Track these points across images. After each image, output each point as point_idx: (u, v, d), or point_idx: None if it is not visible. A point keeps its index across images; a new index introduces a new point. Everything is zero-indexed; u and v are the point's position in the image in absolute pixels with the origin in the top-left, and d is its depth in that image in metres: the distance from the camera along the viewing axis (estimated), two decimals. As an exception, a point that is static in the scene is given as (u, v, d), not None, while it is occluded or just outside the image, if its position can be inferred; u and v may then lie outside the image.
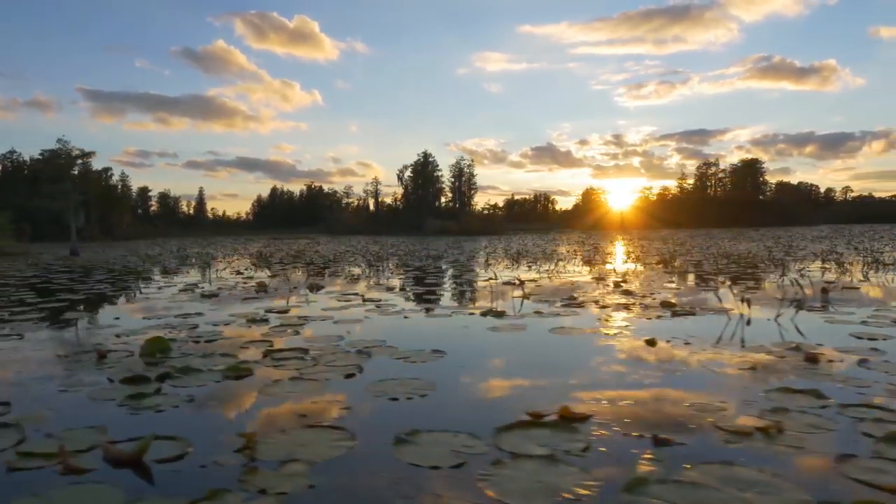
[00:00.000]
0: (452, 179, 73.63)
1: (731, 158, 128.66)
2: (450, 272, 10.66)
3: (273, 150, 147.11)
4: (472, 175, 73.52)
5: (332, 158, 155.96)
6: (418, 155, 72.89)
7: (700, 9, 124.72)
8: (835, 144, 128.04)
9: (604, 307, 5.67)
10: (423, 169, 71.48)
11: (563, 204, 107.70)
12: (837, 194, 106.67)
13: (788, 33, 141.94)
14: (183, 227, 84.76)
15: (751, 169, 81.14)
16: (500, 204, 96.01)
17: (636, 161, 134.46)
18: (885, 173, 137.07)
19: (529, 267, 11.33)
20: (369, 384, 3.01)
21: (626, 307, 5.63)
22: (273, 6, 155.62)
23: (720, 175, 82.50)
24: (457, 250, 19.86)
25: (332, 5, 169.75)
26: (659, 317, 5.07)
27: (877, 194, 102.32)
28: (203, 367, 3.42)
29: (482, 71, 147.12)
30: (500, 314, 5.30)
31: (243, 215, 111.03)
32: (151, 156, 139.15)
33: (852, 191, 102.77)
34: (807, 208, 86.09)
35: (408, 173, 73.02)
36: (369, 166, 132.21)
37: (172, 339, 4.28)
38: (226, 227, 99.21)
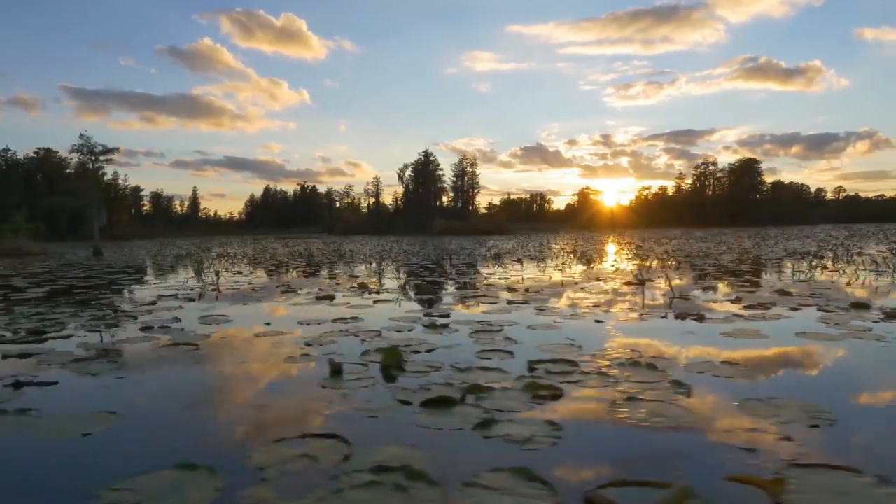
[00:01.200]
0: (454, 178, 73.14)
1: (719, 158, 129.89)
2: (537, 272, 10.13)
3: (261, 149, 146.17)
4: (474, 174, 73.08)
5: (320, 158, 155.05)
6: (419, 154, 72.50)
7: (687, 9, 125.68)
8: (820, 145, 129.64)
9: (794, 308, 5.19)
10: (425, 168, 70.85)
11: (555, 203, 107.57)
12: (829, 194, 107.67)
13: (774, 34, 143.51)
14: (177, 227, 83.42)
15: (748, 169, 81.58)
16: (497, 203, 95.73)
17: (624, 161, 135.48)
18: (869, 173, 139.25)
19: (616, 268, 10.85)
20: (755, 410, 2.48)
21: (822, 308, 5.15)
22: (260, 4, 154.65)
23: (718, 174, 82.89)
24: (498, 249, 19.35)
25: (319, 4, 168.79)
26: (882, 318, 4.60)
27: (862, 194, 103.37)
28: (489, 384, 2.88)
29: (471, 70, 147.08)
30: (699, 318, 4.80)
31: (234, 215, 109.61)
32: (137, 155, 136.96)
33: (845, 190, 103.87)
34: (802, 208, 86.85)
35: (408, 172, 72.39)
36: (358, 166, 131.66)
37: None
38: (219, 226, 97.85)
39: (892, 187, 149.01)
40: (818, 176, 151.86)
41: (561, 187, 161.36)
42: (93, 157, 18.45)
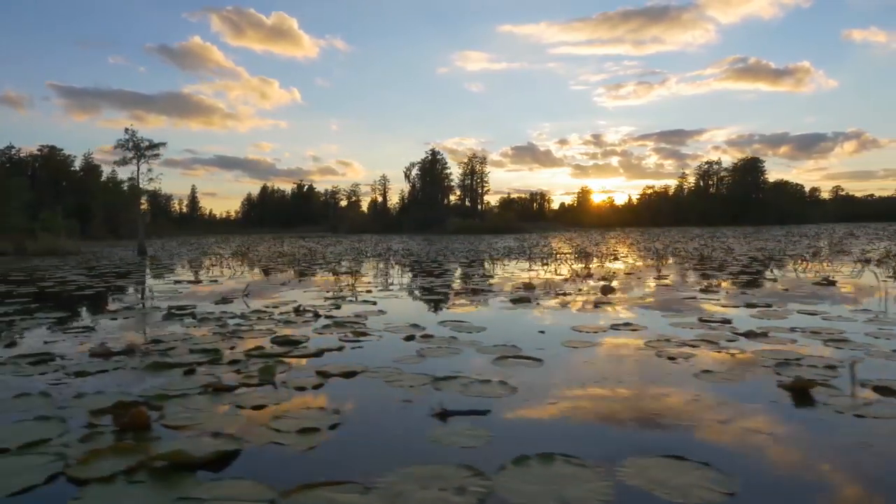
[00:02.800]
0: (462, 177, 72.48)
1: (709, 158, 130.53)
2: (656, 272, 9.58)
3: (252, 148, 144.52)
4: (483, 173, 72.49)
5: (311, 157, 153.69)
6: (426, 152, 71.71)
7: (678, 10, 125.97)
8: (808, 145, 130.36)
9: None
10: (432, 167, 70.06)
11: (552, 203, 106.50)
12: (823, 194, 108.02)
13: (764, 35, 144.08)
14: (177, 226, 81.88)
15: (752, 168, 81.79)
16: (495, 202, 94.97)
17: (615, 161, 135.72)
18: (857, 173, 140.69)
19: (729, 263, 10.32)
20: None
21: None
22: (250, 3, 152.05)
23: (722, 173, 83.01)
24: (556, 248, 18.79)
25: (311, 2, 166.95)
26: None
27: (851, 194, 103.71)
28: None
29: (463, 70, 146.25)
30: None
31: (230, 214, 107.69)
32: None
33: (843, 190, 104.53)
34: (802, 207, 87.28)
35: (415, 171, 71.52)
36: (350, 165, 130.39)
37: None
38: (218, 225, 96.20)
39: (879, 187, 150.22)
40: (806, 176, 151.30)
41: (552, 187, 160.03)
42: (138, 153, 17.56)
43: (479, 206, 71.17)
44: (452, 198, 72.41)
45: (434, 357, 3.49)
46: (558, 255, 13.90)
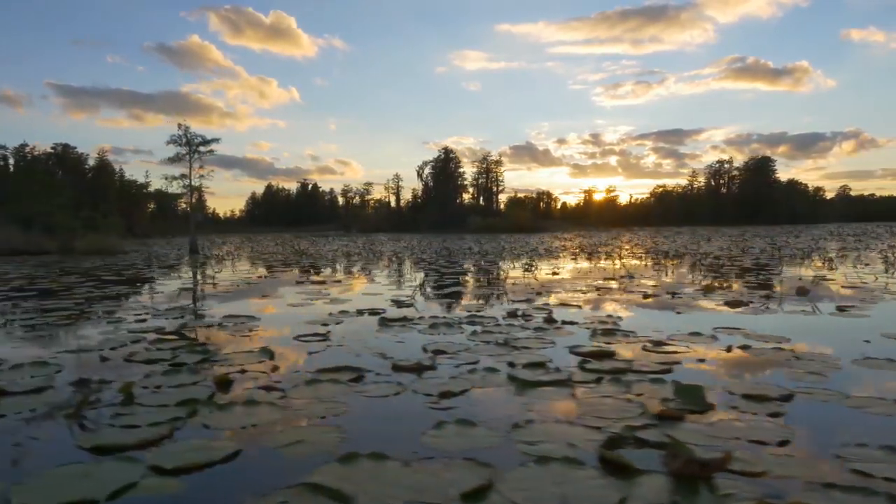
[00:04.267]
0: (476, 176, 72.01)
1: (706, 158, 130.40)
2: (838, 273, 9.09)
3: (250, 147, 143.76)
4: (499, 173, 72.05)
5: (310, 156, 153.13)
6: (439, 151, 70.98)
7: (676, 10, 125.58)
8: (807, 144, 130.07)
9: None
10: (445, 166, 69.43)
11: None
12: (827, 193, 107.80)
13: (762, 35, 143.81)
14: (183, 225, 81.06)
15: (763, 167, 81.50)
16: (503, 202, 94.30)
17: (613, 160, 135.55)
18: (855, 173, 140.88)
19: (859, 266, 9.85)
20: None
21: None
22: (248, 1, 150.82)
23: (734, 172, 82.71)
24: (627, 248, 18.32)
25: (309, 1, 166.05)
26: None
27: (854, 194, 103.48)
28: None
29: (461, 69, 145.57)
30: None
31: (230, 213, 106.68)
32: (125, 153, 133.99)
33: (850, 189, 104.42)
34: (812, 206, 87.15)
35: (427, 170, 70.85)
36: (348, 164, 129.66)
37: None
38: (222, 224, 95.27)
39: (877, 186, 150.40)
40: (804, 175, 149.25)
41: (550, 186, 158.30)
42: (191, 149, 16.98)
43: (493, 206, 70.68)
44: (466, 196, 71.95)
45: (819, 378, 2.97)
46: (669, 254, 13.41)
